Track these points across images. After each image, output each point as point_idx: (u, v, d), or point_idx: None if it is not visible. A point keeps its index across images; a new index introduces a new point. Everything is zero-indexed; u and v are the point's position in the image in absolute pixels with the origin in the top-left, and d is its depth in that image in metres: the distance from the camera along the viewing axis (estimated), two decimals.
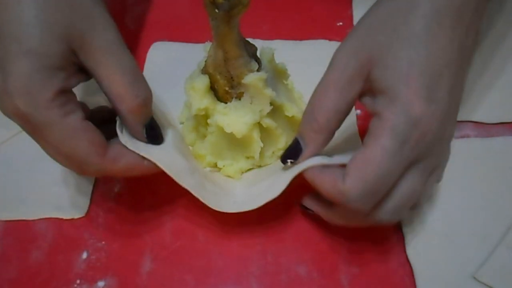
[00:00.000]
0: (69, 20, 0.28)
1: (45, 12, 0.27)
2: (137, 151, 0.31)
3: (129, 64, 0.30)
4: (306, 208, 0.34)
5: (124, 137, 0.31)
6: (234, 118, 0.34)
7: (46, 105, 0.27)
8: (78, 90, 0.31)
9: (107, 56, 0.29)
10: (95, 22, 0.29)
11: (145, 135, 0.32)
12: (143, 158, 0.31)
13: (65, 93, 0.28)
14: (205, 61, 0.34)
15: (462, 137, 0.39)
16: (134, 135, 0.32)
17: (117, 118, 0.32)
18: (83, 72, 0.29)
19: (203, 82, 0.34)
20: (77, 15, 0.28)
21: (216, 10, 0.29)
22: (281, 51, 0.37)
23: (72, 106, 0.28)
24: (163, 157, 0.32)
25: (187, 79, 0.36)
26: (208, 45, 0.34)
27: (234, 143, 0.36)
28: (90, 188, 0.38)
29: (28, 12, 0.27)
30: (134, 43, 0.47)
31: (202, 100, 0.34)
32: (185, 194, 0.38)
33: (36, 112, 0.27)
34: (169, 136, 0.34)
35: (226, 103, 0.34)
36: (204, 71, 0.34)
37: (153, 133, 0.32)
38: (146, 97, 0.31)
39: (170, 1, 0.51)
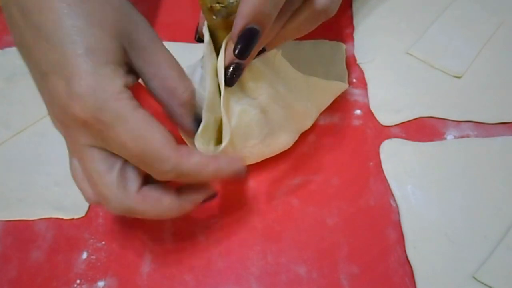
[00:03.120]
0: (116, 21, 0.28)
1: (94, 14, 0.27)
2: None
3: (173, 59, 0.30)
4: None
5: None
6: None
7: (116, 97, 0.26)
8: None
9: (154, 54, 0.29)
10: (136, 22, 0.29)
11: (195, 128, 0.31)
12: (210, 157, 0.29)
13: (128, 88, 0.27)
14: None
15: (462, 137, 0.39)
16: (185, 128, 0.31)
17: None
18: (132, 73, 0.29)
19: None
20: (122, 16, 0.28)
21: (214, 17, 0.29)
22: (281, 51, 0.37)
23: (137, 101, 0.27)
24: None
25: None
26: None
27: None
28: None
29: (77, 16, 0.26)
30: None
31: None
32: None
33: (107, 106, 0.26)
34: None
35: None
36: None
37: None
38: (193, 88, 0.31)
39: (170, 1, 0.51)
